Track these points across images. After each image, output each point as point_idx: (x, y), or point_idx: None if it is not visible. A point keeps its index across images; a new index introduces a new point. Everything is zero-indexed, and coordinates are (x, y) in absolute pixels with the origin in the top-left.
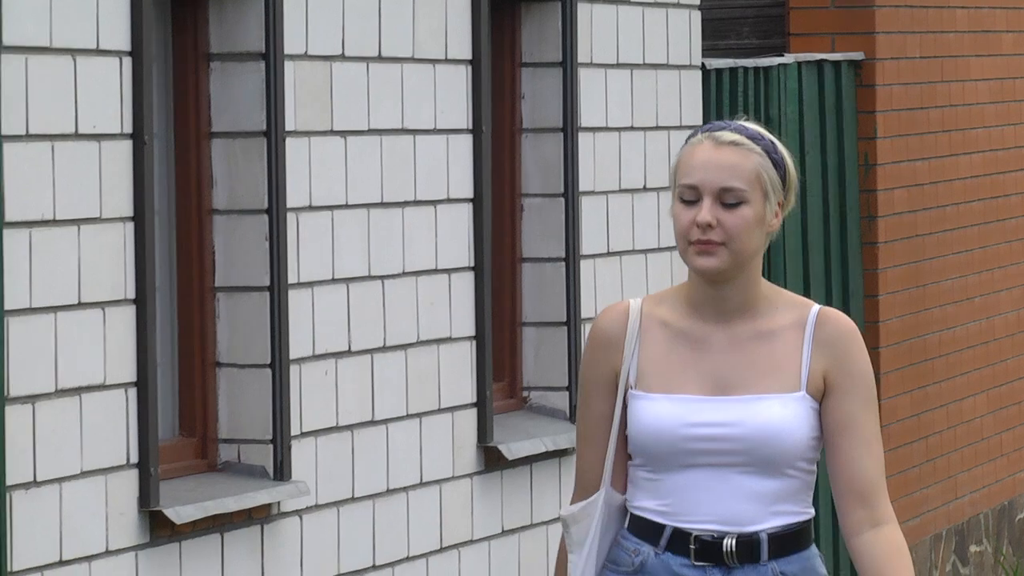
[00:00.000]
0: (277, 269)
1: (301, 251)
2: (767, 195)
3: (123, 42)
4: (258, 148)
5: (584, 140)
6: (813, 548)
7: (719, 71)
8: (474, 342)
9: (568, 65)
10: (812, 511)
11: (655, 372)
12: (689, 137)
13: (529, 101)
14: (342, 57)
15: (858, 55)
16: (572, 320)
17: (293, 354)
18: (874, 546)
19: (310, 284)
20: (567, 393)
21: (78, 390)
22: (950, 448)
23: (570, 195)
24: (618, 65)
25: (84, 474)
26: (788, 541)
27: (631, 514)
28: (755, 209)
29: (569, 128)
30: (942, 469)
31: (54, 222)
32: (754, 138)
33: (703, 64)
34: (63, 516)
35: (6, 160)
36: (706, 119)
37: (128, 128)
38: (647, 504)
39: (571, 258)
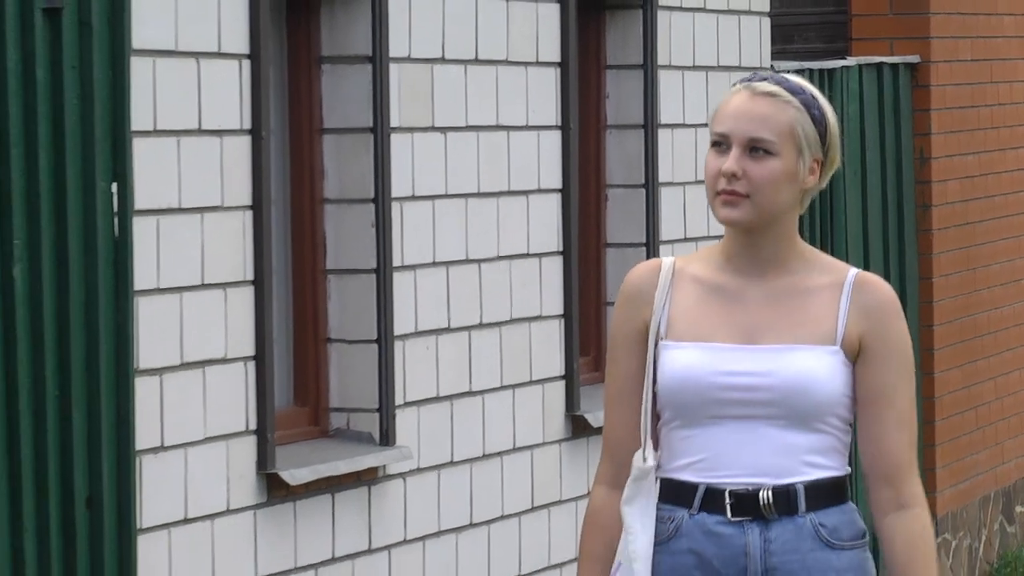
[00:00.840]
0: (383, 253)
1: (405, 237)
2: (801, 150)
3: (242, 46)
4: (365, 143)
5: (663, 136)
6: (850, 504)
7: (787, 72)
8: (562, 320)
9: (649, 67)
10: (848, 470)
11: (686, 322)
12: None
13: (613, 100)
14: (442, 60)
15: (914, 58)
16: None
17: (397, 331)
18: (898, 530)
19: (413, 267)
20: None
21: (201, 363)
22: (997, 418)
23: (650, 186)
24: (694, 67)
25: (207, 440)
26: (824, 493)
27: (662, 481)
28: (785, 163)
29: (649, 125)
30: (990, 437)
31: (179, 210)
32: (793, 91)
33: (772, 66)
34: (188, 478)
35: (136, 154)
36: None
37: (247, 124)
38: (679, 464)
39: (651, 243)
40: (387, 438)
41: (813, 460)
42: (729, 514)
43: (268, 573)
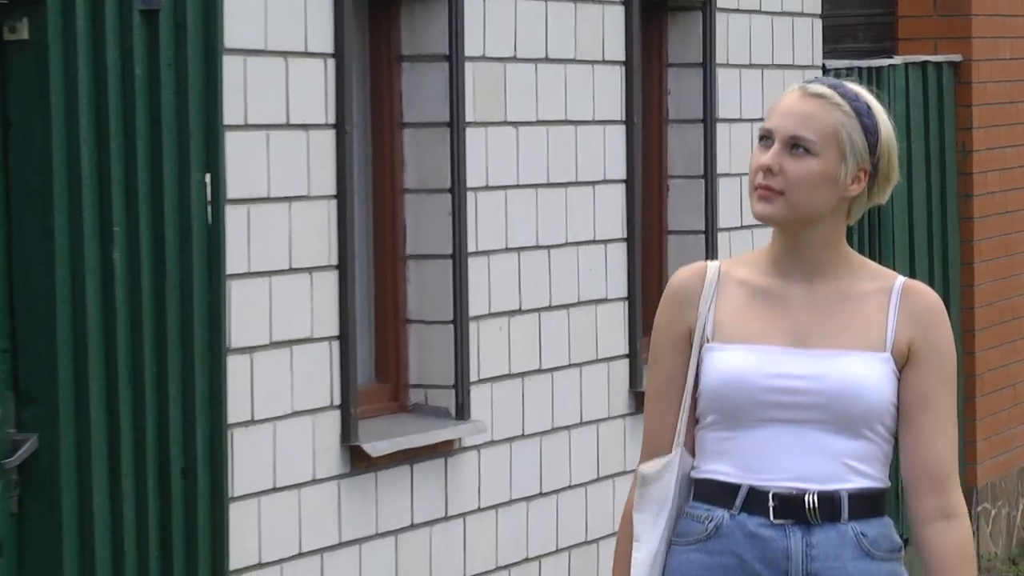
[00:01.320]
0: (458, 240)
1: (479, 224)
2: (844, 155)
3: (327, 45)
4: (442, 136)
5: (721, 130)
6: (888, 519)
7: (837, 71)
8: (626, 302)
9: (707, 65)
10: (888, 483)
11: (733, 324)
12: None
13: (674, 96)
14: (514, 59)
15: (957, 57)
16: None
17: (472, 312)
18: (943, 543)
19: (487, 253)
20: None
21: (289, 343)
22: None
23: (709, 177)
24: (750, 65)
25: (294, 414)
26: (867, 504)
27: (698, 481)
28: (824, 165)
29: (708, 119)
30: None
31: (268, 199)
32: (846, 96)
33: (823, 65)
34: (276, 450)
35: (228, 147)
36: None
37: (332, 119)
38: (718, 465)
39: (709, 231)
40: (462, 413)
41: (857, 467)
42: (772, 516)
43: (351, 539)
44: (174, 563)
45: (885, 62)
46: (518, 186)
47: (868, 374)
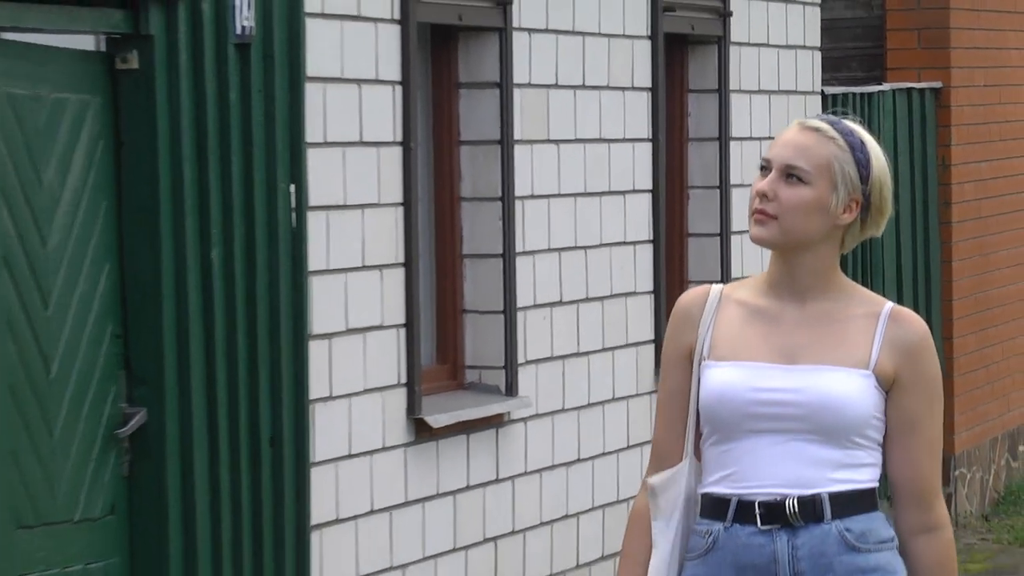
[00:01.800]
0: (508, 241)
1: (525, 228)
2: (836, 185)
3: (395, 74)
4: (494, 153)
5: (734, 147)
6: (879, 512)
7: (834, 95)
8: (652, 295)
9: (722, 91)
10: (876, 484)
11: (727, 343)
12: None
13: (694, 118)
14: (556, 86)
15: (938, 84)
16: (725, 279)
17: (519, 304)
18: (927, 552)
19: (532, 252)
20: None
21: (362, 330)
22: (1005, 375)
23: (723, 187)
24: (759, 91)
25: (366, 391)
26: (851, 502)
27: (701, 497)
28: (816, 193)
29: (723, 138)
30: (998, 390)
31: (344, 207)
32: (842, 131)
33: (822, 91)
34: (351, 422)
35: (310, 161)
36: None
37: (399, 138)
38: (715, 477)
39: (724, 234)
40: (511, 390)
41: (842, 475)
42: (759, 524)
43: (415, 499)
44: (263, 520)
45: (876, 88)
46: (559, 195)
47: (848, 388)
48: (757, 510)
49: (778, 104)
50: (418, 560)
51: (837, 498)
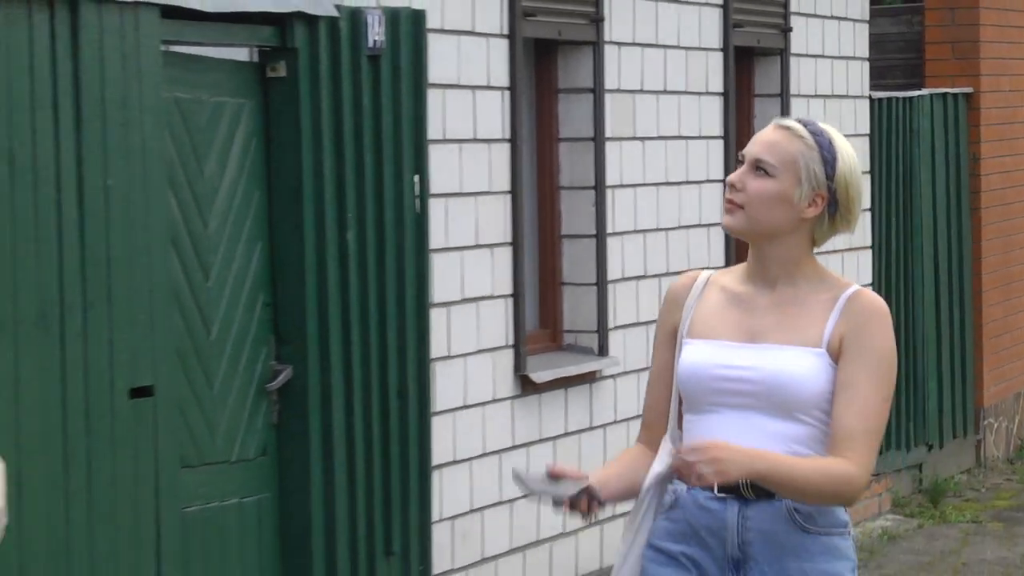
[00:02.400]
0: (600, 224)
1: (615, 212)
2: (800, 180)
3: (504, 81)
4: (588, 148)
5: None
6: None
7: (880, 99)
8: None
9: (784, 95)
10: None
11: (703, 324)
12: None
13: (759, 118)
14: (641, 91)
15: (969, 89)
16: None
17: (610, 277)
18: (826, 462)
19: (621, 234)
20: None
21: (476, 299)
22: None
23: None
24: (815, 96)
25: (479, 351)
26: None
27: None
28: (780, 186)
29: None
30: (1021, 352)
31: (460, 194)
32: (812, 131)
33: (870, 96)
34: (466, 378)
35: (431, 156)
36: (873, 132)
37: (507, 135)
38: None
39: None
40: (603, 351)
41: (797, 450)
42: (715, 491)
43: (521, 443)
44: (391, 461)
45: (915, 93)
46: (643, 184)
47: (799, 366)
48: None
49: (832, 107)
50: (522, 496)
51: None
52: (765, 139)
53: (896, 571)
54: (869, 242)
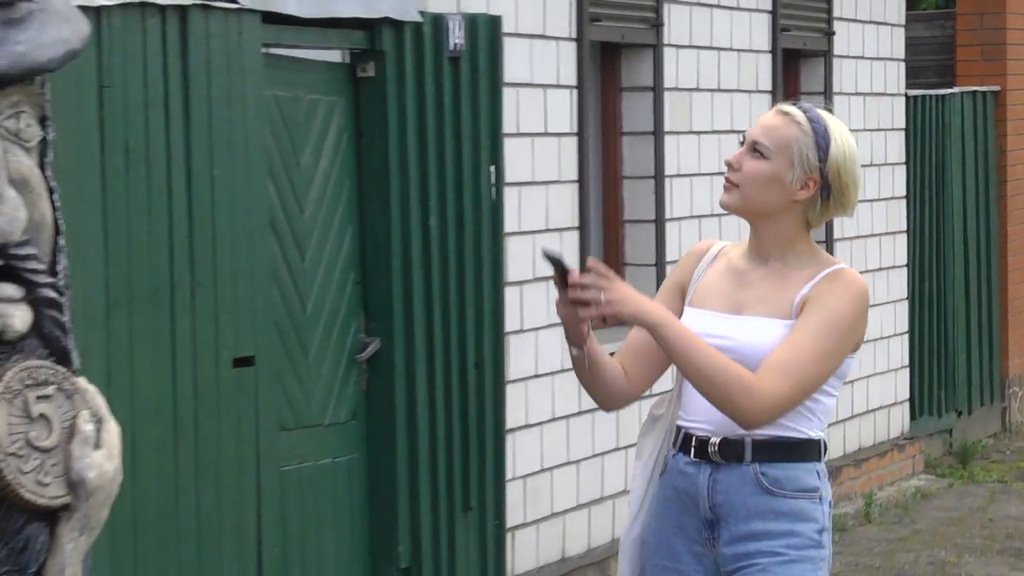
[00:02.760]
0: (659, 210)
1: (673, 200)
2: (793, 163)
3: (572, 80)
4: (648, 141)
5: None
6: (810, 464)
7: (915, 97)
8: None
9: (827, 93)
10: (814, 434)
11: (703, 293)
12: None
13: None
14: (697, 89)
15: (996, 88)
16: (829, 247)
17: (668, 259)
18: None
19: (678, 219)
20: None
21: (546, 279)
22: None
23: None
24: (856, 94)
25: (549, 326)
26: (775, 449)
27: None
28: (774, 167)
29: None
30: None
31: (532, 183)
32: (810, 118)
33: (906, 93)
34: (537, 350)
35: (506, 148)
36: (908, 127)
37: (575, 129)
38: (678, 411)
39: None
40: None
41: (778, 419)
42: (692, 456)
43: (587, 409)
44: (469, 425)
45: (947, 91)
46: (699, 174)
47: (768, 336)
48: (692, 444)
49: (871, 104)
50: (588, 457)
51: (759, 443)
52: (764, 123)
53: (928, 526)
54: (905, 227)
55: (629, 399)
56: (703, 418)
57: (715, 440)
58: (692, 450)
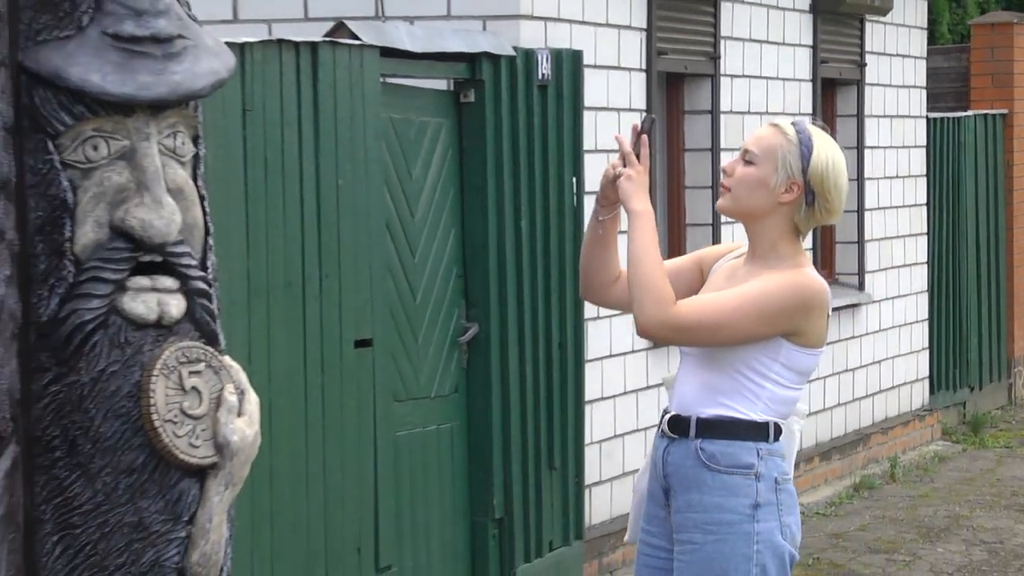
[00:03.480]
0: (715, 216)
1: None
2: (777, 169)
3: (642, 104)
4: (706, 156)
5: (867, 154)
6: (749, 443)
7: (935, 119)
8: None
9: (859, 116)
10: (757, 416)
11: (708, 282)
12: None
13: (840, 134)
14: (748, 112)
15: (1005, 111)
16: (860, 244)
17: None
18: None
19: (731, 223)
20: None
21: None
22: None
23: (859, 179)
24: (884, 116)
25: (621, 314)
26: (716, 427)
27: None
28: (760, 172)
29: (859, 148)
30: None
31: None
32: (797, 130)
33: (927, 116)
34: (611, 334)
35: (586, 162)
36: (928, 144)
37: (640, 104)
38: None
39: (860, 209)
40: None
41: (722, 401)
42: (658, 430)
43: (652, 384)
44: (553, 397)
45: (963, 114)
46: None
47: None
48: (662, 420)
49: (896, 125)
50: (653, 425)
51: (704, 421)
52: (756, 134)
53: (945, 484)
54: (925, 230)
55: (609, 299)
56: (676, 398)
57: (668, 417)
58: (660, 425)
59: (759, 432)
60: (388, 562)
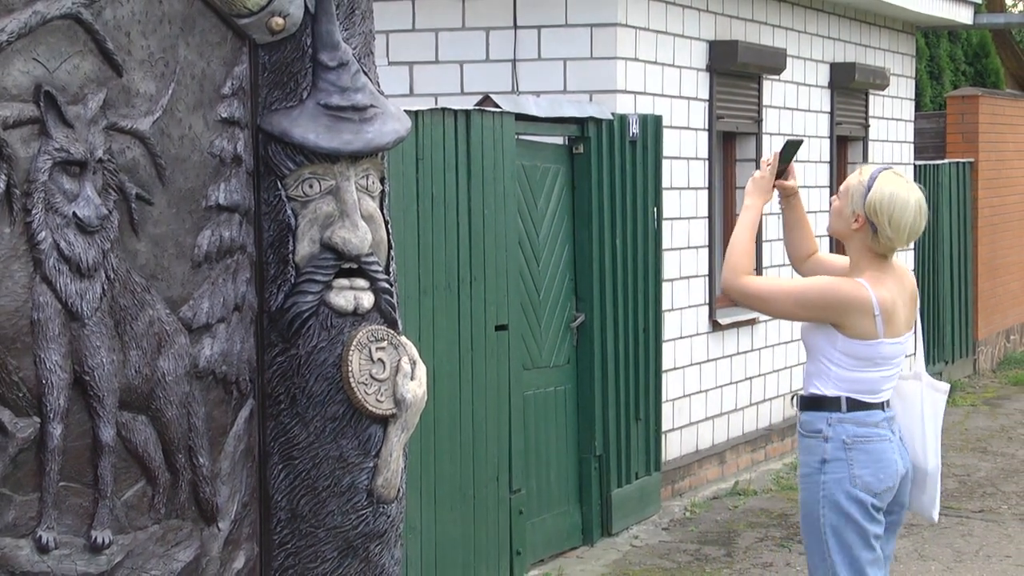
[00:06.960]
0: (759, 237)
1: (768, 230)
2: (850, 203)
3: (705, 154)
4: (749, 169)
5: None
6: (822, 414)
7: (919, 165)
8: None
9: (864, 142)
10: (828, 392)
11: None
12: None
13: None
14: (791, 133)
15: (972, 159)
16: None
17: (764, 264)
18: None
19: (770, 240)
20: None
21: (687, 277)
22: (1004, 299)
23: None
24: (882, 164)
25: (690, 306)
26: (807, 402)
27: None
28: (840, 205)
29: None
30: (998, 308)
31: (679, 218)
32: (871, 174)
33: (914, 163)
34: (682, 321)
35: (665, 197)
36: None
37: (706, 185)
38: None
39: None
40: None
41: (813, 380)
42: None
43: (713, 358)
44: (639, 367)
45: (940, 162)
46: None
47: (808, 325)
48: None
49: (894, 155)
50: (711, 388)
51: (804, 398)
52: (848, 176)
53: None
54: (913, 247)
55: (804, 272)
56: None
57: (796, 395)
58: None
59: (832, 404)
60: (518, 486)
